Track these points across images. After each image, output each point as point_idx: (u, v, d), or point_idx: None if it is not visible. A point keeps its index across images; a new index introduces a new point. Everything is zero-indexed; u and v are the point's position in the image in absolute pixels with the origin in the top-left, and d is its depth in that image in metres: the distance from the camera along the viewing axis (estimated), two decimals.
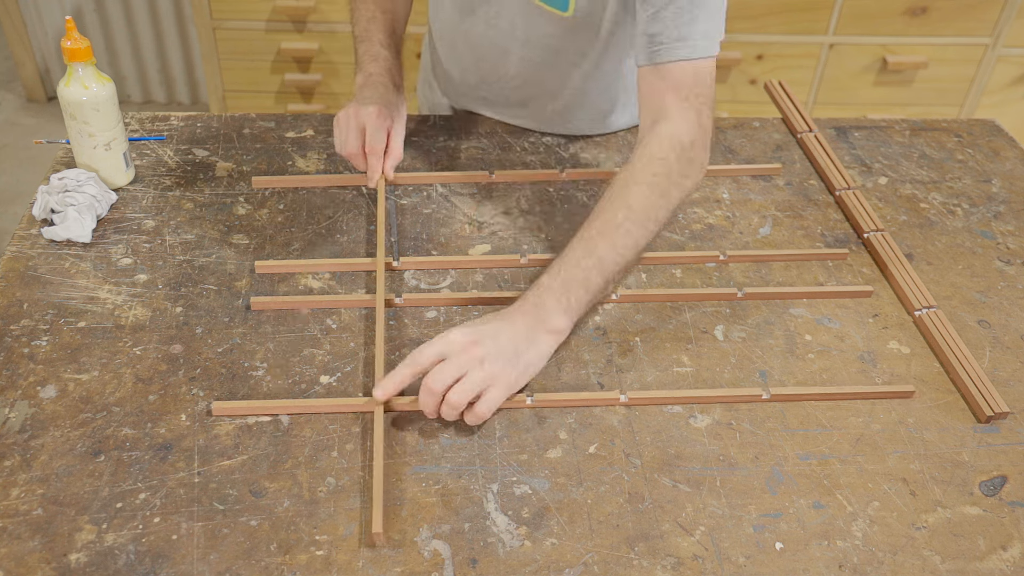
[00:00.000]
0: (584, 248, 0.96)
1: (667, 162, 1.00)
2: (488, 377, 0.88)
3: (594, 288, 0.96)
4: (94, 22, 2.91)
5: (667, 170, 1.00)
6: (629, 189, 0.99)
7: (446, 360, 0.88)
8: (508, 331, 0.90)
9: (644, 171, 1.00)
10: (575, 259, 0.96)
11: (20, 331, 0.98)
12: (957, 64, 2.54)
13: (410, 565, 0.80)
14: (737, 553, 0.83)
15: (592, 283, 0.96)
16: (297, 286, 1.07)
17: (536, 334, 0.92)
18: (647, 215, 0.99)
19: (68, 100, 1.10)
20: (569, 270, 0.95)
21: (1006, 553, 0.84)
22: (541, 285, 0.95)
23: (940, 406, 0.98)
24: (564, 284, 0.94)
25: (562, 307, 0.93)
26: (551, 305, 0.93)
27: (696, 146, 1.03)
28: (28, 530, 0.80)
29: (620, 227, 0.97)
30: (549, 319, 0.93)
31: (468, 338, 0.88)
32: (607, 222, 0.98)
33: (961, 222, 1.25)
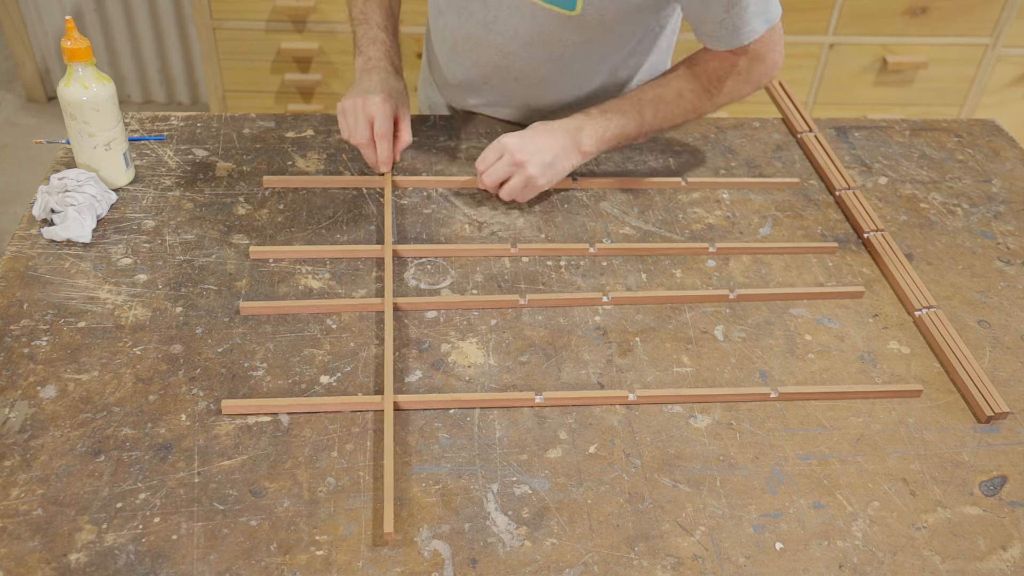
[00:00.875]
0: (634, 105, 1.18)
1: (722, 80, 1.18)
2: (526, 179, 1.14)
3: (627, 135, 1.19)
4: (94, 22, 2.91)
5: (719, 83, 1.18)
6: (684, 84, 1.18)
7: (499, 162, 1.15)
8: (551, 146, 1.14)
9: (703, 79, 1.18)
10: (624, 108, 1.17)
11: (20, 331, 0.98)
12: (957, 64, 2.54)
13: (410, 565, 0.80)
14: (737, 553, 0.83)
15: (627, 132, 1.18)
16: (297, 287, 1.07)
17: (570, 151, 1.16)
18: (692, 105, 1.20)
19: (68, 100, 1.10)
20: (616, 115, 1.17)
21: (1006, 553, 0.84)
22: (589, 115, 1.17)
23: (940, 406, 0.98)
24: (607, 123, 1.16)
25: (596, 139, 1.16)
26: (589, 132, 1.16)
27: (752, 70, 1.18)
28: (28, 530, 0.80)
29: (669, 104, 1.18)
30: (583, 143, 1.16)
31: (517, 145, 1.14)
32: (660, 96, 1.18)
33: (961, 222, 1.25)
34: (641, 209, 1.23)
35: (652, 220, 1.21)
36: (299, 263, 1.10)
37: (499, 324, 1.04)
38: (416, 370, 0.97)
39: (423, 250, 1.12)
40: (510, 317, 1.05)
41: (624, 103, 1.18)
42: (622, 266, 1.13)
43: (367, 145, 1.19)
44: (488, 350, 1.00)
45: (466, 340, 1.02)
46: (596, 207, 1.22)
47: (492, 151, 1.15)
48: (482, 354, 1.00)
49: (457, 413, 0.93)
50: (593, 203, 1.23)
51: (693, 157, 1.34)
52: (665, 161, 1.32)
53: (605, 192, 1.25)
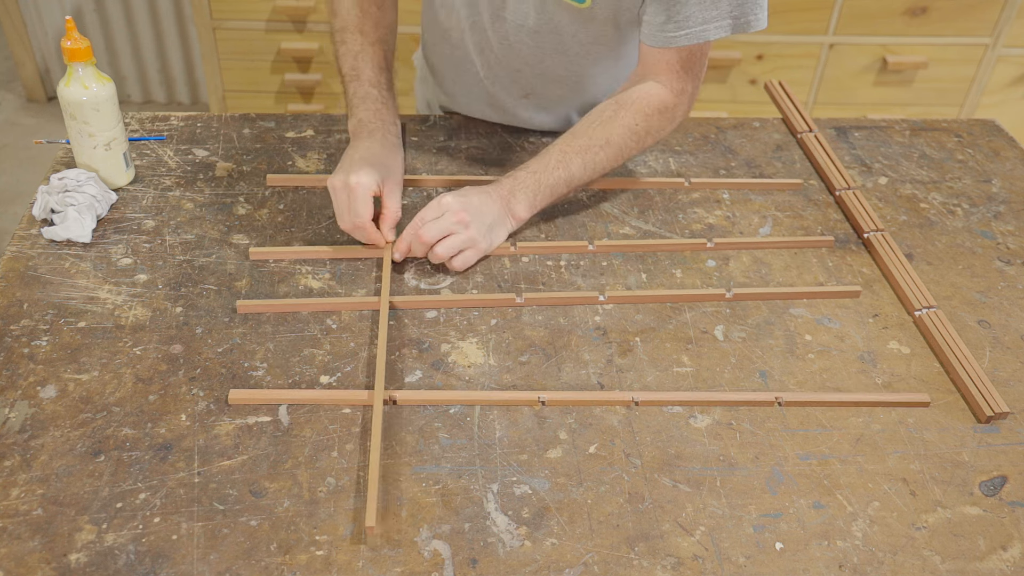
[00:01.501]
0: (560, 160, 1.13)
1: (649, 118, 1.15)
2: (468, 240, 1.07)
3: (557, 194, 1.14)
4: (94, 22, 2.91)
5: (647, 125, 1.15)
6: (613, 126, 1.14)
7: (440, 219, 1.06)
8: (488, 209, 1.09)
9: (628, 119, 1.14)
10: (550, 166, 1.12)
11: (20, 331, 0.98)
12: (957, 64, 2.54)
13: (410, 565, 0.80)
14: (737, 553, 0.83)
15: (557, 191, 1.14)
16: (297, 286, 1.07)
17: (504, 217, 1.11)
18: (620, 151, 1.15)
19: (68, 100, 1.10)
20: (544, 175, 1.12)
21: (1006, 553, 0.84)
22: (517, 179, 1.12)
23: (940, 406, 0.98)
24: (535, 184, 1.12)
25: (528, 203, 1.12)
26: (520, 198, 1.11)
27: (677, 108, 1.17)
28: (28, 530, 0.80)
29: (596, 154, 1.14)
30: (516, 209, 1.12)
31: (459, 205, 1.06)
32: (586, 147, 1.13)
33: (961, 222, 1.25)
34: (641, 209, 1.23)
35: (652, 220, 1.21)
36: (299, 263, 1.10)
37: (499, 324, 1.04)
38: (416, 370, 0.97)
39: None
40: (510, 317, 1.05)
41: (551, 159, 1.13)
42: (622, 266, 1.13)
43: (364, 227, 1.08)
44: (488, 350, 1.00)
45: (466, 340, 1.02)
46: (596, 207, 1.22)
47: (431, 209, 1.06)
48: (482, 354, 1.00)
49: (457, 413, 0.93)
50: (593, 203, 1.23)
51: (693, 157, 1.34)
52: (665, 161, 1.32)
53: (605, 192, 1.25)
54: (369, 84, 1.19)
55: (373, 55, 1.20)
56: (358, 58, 1.20)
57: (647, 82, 1.15)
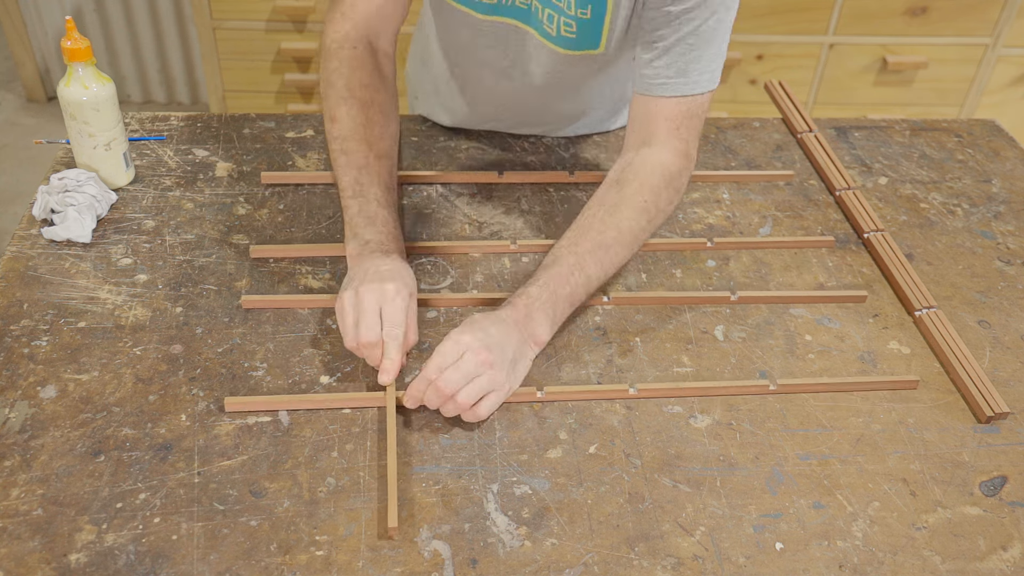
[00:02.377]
0: (574, 264, 1.00)
1: (656, 190, 1.05)
2: (492, 382, 0.90)
3: (577, 302, 1.01)
4: (94, 22, 2.91)
5: (655, 198, 1.05)
6: (621, 212, 1.03)
7: (459, 363, 0.89)
8: (508, 341, 0.93)
9: (635, 197, 1.04)
10: (564, 274, 0.99)
11: (20, 331, 0.98)
12: (957, 64, 2.54)
13: (410, 565, 0.80)
14: (737, 553, 0.83)
15: (577, 298, 1.00)
16: (297, 286, 1.06)
17: (526, 346, 0.96)
18: (634, 237, 1.04)
19: (68, 100, 1.10)
20: (557, 284, 0.98)
21: (1006, 553, 0.84)
22: (530, 296, 0.97)
23: (940, 406, 0.98)
24: (552, 298, 0.97)
25: (548, 320, 0.97)
26: (539, 318, 0.96)
27: (682, 175, 1.08)
28: (28, 530, 0.80)
29: (610, 249, 1.02)
30: (536, 332, 0.96)
31: (480, 343, 0.90)
32: (597, 243, 1.01)
33: (961, 222, 1.25)
34: None
35: None
36: (299, 263, 1.10)
37: None
38: (416, 370, 0.97)
39: (423, 247, 1.12)
40: None
41: (564, 266, 0.99)
42: None
43: (376, 345, 0.93)
44: None
45: None
46: None
47: (447, 353, 0.89)
48: None
49: None
50: None
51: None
52: None
53: None
54: (377, 204, 1.03)
55: (379, 171, 1.06)
56: (363, 172, 1.05)
57: (645, 151, 1.07)
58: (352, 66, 1.09)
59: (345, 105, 1.07)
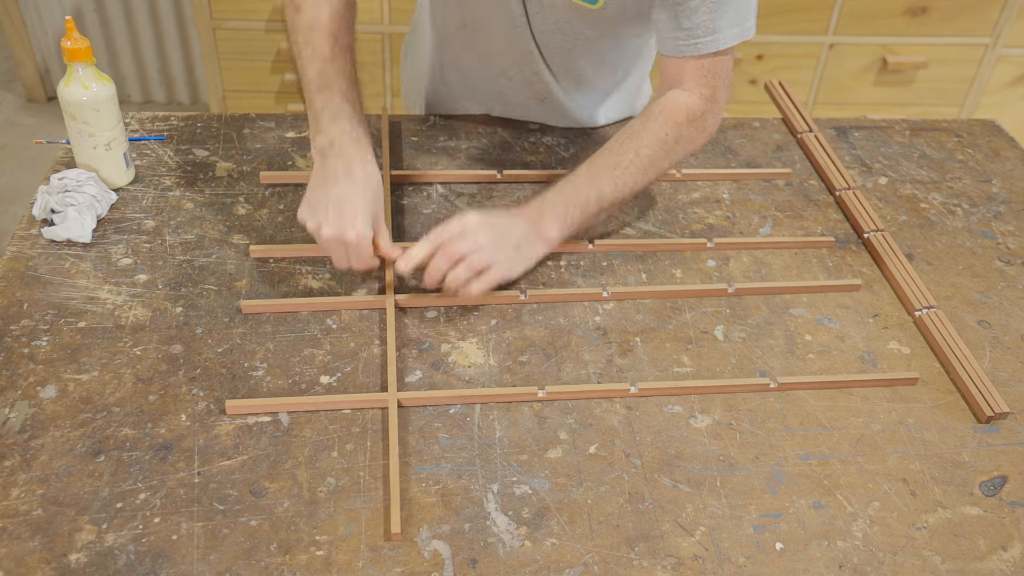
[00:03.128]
0: (590, 178, 1.07)
1: (679, 126, 1.10)
2: (492, 257, 0.99)
3: (589, 213, 1.07)
4: (94, 22, 2.91)
5: (677, 134, 1.10)
6: (641, 139, 1.09)
7: (463, 234, 0.98)
8: (515, 228, 1.02)
9: (657, 129, 1.10)
10: (580, 185, 1.07)
11: (20, 331, 0.98)
12: (957, 64, 2.54)
13: (410, 565, 0.80)
14: (737, 553, 0.83)
15: (589, 209, 1.07)
16: (297, 286, 1.07)
17: (534, 239, 1.04)
18: (651, 164, 1.10)
19: (68, 100, 1.10)
20: (573, 194, 1.06)
21: (1006, 553, 0.84)
22: (546, 199, 1.06)
23: (940, 406, 0.98)
24: (566, 204, 1.05)
25: (559, 223, 1.05)
26: (550, 218, 1.05)
27: (707, 115, 1.13)
28: (28, 530, 0.80)
29: (626, 169, 1.08)
30: (546, 230, 1.05)
31: (484, 221, 0.99)
32: (615, 163, 1.08)
33: (961, 222, 1.25)
34: (641, 209, 1.23)
35: (652, 220, 1.21)
36: (299, 263, 1.10)
37: (499, 324, 1.04)
38: (416, 370, 0.97)
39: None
40: (510, 317, 1.05)
41: (580, 177, 1.07)
42: (622, 266, 1.13)
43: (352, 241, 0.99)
44: (488, 350, 1.00)
45: (466, 340, 1.01)
46: None
47: (451, 227, 0.99)
48: (482, 354, 1.00)
49: (457, 413, 0.93)
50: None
51: (693, 157, 1.34)
52: None
53: None
54: (342, 98, 1.05)
55: (344, 64, 1.07)
56: (327, 65, 1.06)
57: (674, 91, 1.12)
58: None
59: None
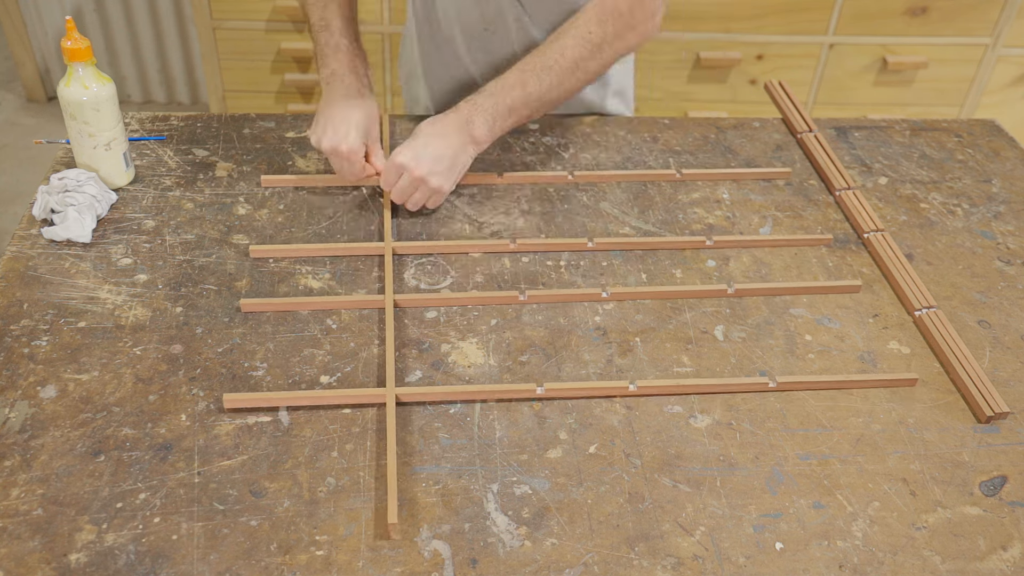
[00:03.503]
0: (517, 80, 1.14)
1: (602, 22, 1.14)
2: (432, 190, 1.13)
3: (518, 115, 1.16)
4: (94, 22, 2.91)
5: (601, 29, 1.14)
6: (564, 39, 1.15)
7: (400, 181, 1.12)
8: (445, 147, 1.12)
9: (581, 27, 1.14)
10: (507, 88, 1.14)
11: (20, 331, 0.98)
12: (957, 64, 2.54)
13: (410, 565, 0.80)
14: (737, 553, 0.83)
15: (517, 111, 1.15)
16: (297, 287, 1.07)
17: (465, 145, 1.13)
18: (576, 65, 1.15)
19: (68, 100, 1.10)
20: (500, 96, 1.14)
21: (1006, 553, 0.84)
22: (474, 103, 1.14)
23: (940, 406, 0.98)
24: (494, 107, 1.13)
25: (487, 125, 1.13)
26: (479, 122, 1.13)
27: (635, 10, 1.15)
28: (28, 530, 0.80)
29: (551, 70, 1.14)
30: (476, 133, 1.13)
31: (413, 161, 1.11)
32: (540, 64, 1.14)
33: (961, 222, 1.25)
34: (641, 209, 1.23)
35: (652, 220, 1.21)
36: (299, 263, 1.10)
37: (499, 324, 1.04)
38: (416, 370, 0.97)
39: (423, 247, 1.12)
40: (510, 317, 1.05)
41: (507, 79, 1.14)
42: (622, 266, 1.13)
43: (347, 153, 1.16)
44: (488, 350, 1.00)
45: (466, 340, 1.02)
46: (596, 207, 1.22)
47: (391, 172, 1.12)
48: (482, 354, 1.00)
49: (457, 413, 0.93)
50: (593, 203, 1.23)
51: (693, 157, 1.34)
52: (665, 161, 1.32)
53: (605, 192, 1.25)
54: (340, 34, 1.21)
55: (340, 5, 1.22)
56: (327, 9, 1.22)
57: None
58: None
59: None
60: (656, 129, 1.40)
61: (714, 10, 2.40)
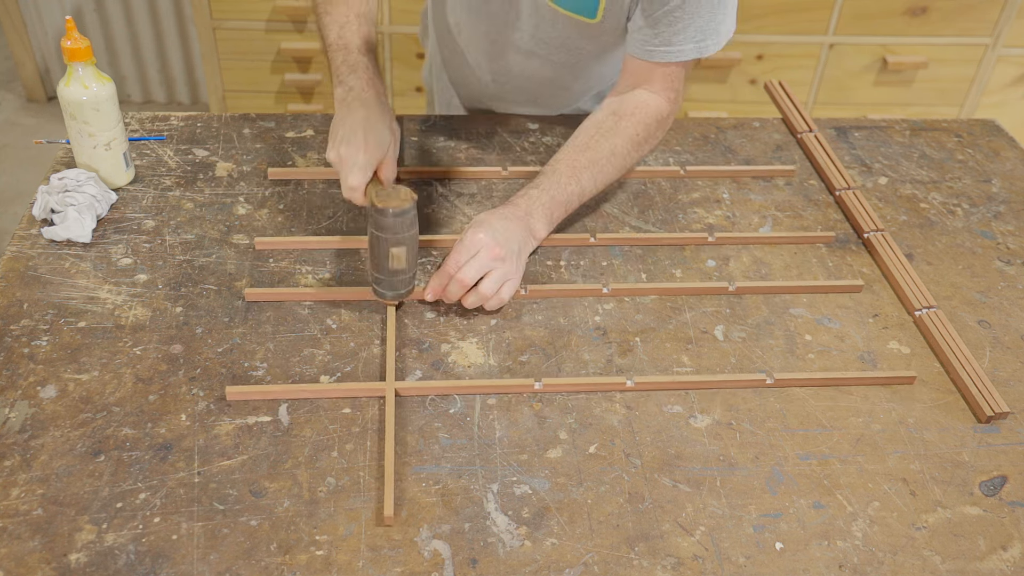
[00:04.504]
0: (571, 175, 1.13)
1: (649, 127, 1.19)
2: (506, 274, 1.03)
3: (571, 208, 1.15)
4: (94, 22, 2.91)
5: (647, 134, 1.19)
6: (615, 138, 1.17)
7: (476, 258, 1.01)
8: (514, 234, 1.06)
9: (629, 129, 1.17)
10: (563, 182, 1.13)
11: (20, 331, 0.98)
12: (957, 64, 2.54)
13: (410, 565, 0.80)
14: (737, 553, 0.83)
15: (571, 205, 1.15)
16: (297, 286, 1.06)
17: (528, 239, 1.10)
18: (624, 161, 1.18)
19: (68, 100, 1.10)
20: (556, 190, 1.12)
21: (1006, 553, 0.84)
22: (531, 198, 1.11)
23: (940, 406, 0.98)
24: (550, 201, 1.12)
25: (545, 220, 1.11)
26: (537, 216, 1.10)
27: (670, 118, 1.22)
28: (28, 530, 0.80)
29: (604, 167, 1.16)
30: (535, 228, 1.10)
31: (492, 240, 1.02)
32: (593, 160, 1.15)
33: (961, 222, 1.25)
34: (641, 209, 1.23)
35: (652, 220, 1.21)
36: (299, 263, 1.10)
37: (499, 324, 1.04)
38: (416, 370, 0.97)
39: (426, 240, 1.13)
40: (510, 317, 1.05)
41: (561, 175, 1.12)
42: (622, 266, 1.13)
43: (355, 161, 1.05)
44: (488, 350, 1.00)
45: (466, 340, 1.02)
46: (596, 207, 1.22)
47: (464, 251, 1.01)
48: (482, 354, 1.00)
49: (457, 413, 0.93)
50: (593, 203, 1.23)
51: (693, 156, 1.34)
52: (665, 160, 1.32)
53: (605, 192, 1.25)
54: (359, 53, 1.16)
55: (359, 27, 1.18)
56: (345, 28, 1.18)
57: (641, 91, 1.18)
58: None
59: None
60: None
61: None
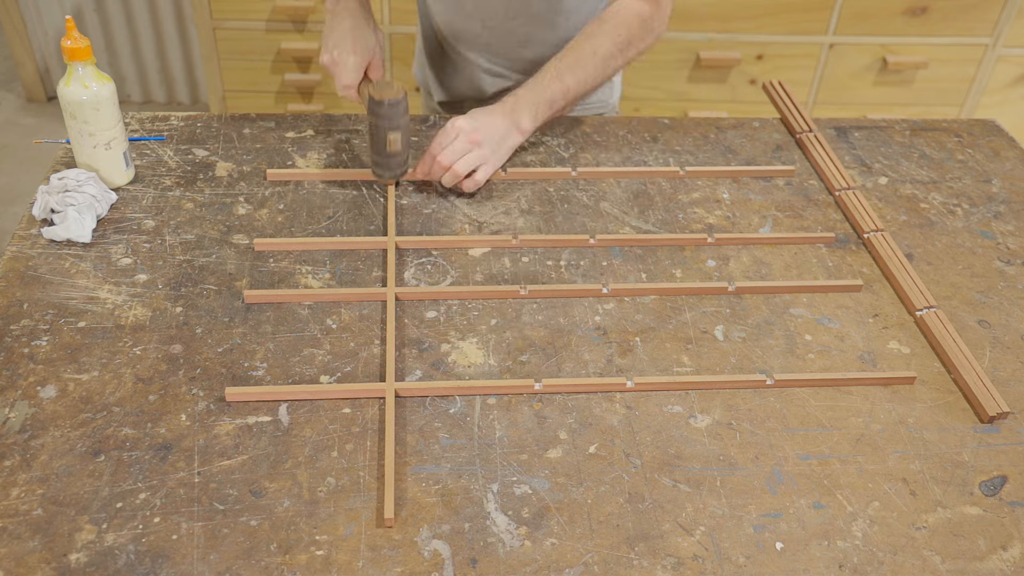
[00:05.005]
0: (555, 75, 1.24)
1: (631, 28, 1.27)
2: (483, 156, 1.19)
3: (556, 107, 1.25)
4: (94, 22, 2.91)
5: (629, 35, 1.27)
6: (598, 39, 1.26)
7: (456, 141, 1.17)
8: (497, 125, 1.20)
9: (613, 31, 1.26)
10: (547, 82, 1.24)
11: (20, 331, 0.98)
12: (957, 64, 2.54)
13: (410, 565, 0.80)
14: (737, 553, 0.83)
15: (555, 104, 1.25)
16: (297, 286, 1.06)
17: (511, 131, 1.22)
18: (607, 62, 1.27)
19: (68, 100, 1.10)
20: (541, 90, 1.23)
21: (1006, 553, 0.84)
22: (518, 96, 1.22)
23: (940, 406, 0.98)
24: (536, 100, 1.22)
25: (531, 115, 1.22)
26: (523, 112, 1.22)
27: (654, 18, 1.29)
28: (28, 530, 0.80)
29: (586, 65, 1.25)
30: (520, 122, 1.22)
31: (471, 126, 1.18)
32: (576, 61, 1.25)
33: (961, 222, 1.25)
34: (641, 209, 1.23)
35: (652, 220, 1.21)
36: (299, 263, 1.10)
37: (499, 324, 1.04)
38: (416, 370, 0.97)
39: (425, 241, 1.13)
40: (510, 317, 1.05)
41: (547, 75, 1.24)
42: (622, 266, 1.13)
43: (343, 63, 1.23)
44: (488, 350, 1.00)
45: (466, 340, 1.02)
46: (596, 207, 1.22)
47: (445, 135, 1.18)
48: (482, 354, 1.00)
49: (457, 413, 0.93)
50: (593, 203, 1.23)
51: (693, 156, 1.34)
52: (665, 160, 1.32)
53: (605, 192, 1.25)
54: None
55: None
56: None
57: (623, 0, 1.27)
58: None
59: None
60: (656, 129, 1.40)
61: (714, 10, 2.40)
